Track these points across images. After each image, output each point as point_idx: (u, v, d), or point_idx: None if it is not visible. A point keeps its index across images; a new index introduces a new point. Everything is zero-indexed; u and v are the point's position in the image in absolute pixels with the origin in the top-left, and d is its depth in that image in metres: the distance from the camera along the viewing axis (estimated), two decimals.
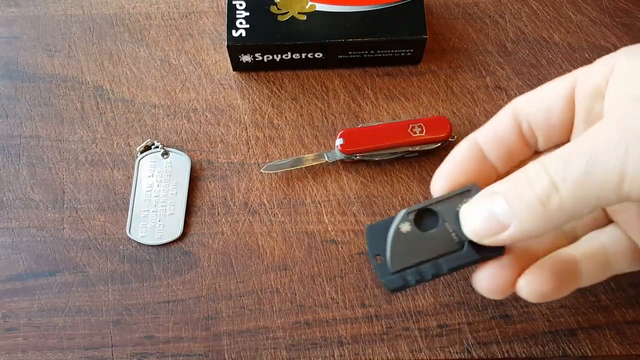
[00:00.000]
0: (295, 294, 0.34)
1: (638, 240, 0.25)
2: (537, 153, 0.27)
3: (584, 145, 0.20)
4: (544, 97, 0.25)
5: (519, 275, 0.25)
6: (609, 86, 0.23)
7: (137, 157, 0.37)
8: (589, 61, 0.40)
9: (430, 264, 0.25)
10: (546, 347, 0.33)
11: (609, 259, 0.26)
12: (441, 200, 0.25)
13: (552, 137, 0.26)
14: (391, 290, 0.25)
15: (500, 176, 0.26)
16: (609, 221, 0.27)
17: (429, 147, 0.36)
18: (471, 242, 0.25)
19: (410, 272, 0.25)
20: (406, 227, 0.25)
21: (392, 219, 0.26)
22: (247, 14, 0.38)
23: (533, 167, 0.22)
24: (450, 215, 0.25)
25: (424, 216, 0.26)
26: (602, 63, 0.24)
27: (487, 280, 0.25)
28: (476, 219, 0.23)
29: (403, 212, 0.26)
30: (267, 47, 0.38)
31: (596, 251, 0.26)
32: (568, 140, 0.26)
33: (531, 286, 0.24)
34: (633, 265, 0.26)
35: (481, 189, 0.24)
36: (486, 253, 0.25)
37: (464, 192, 0.25)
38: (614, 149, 0.19)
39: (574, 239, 0.27)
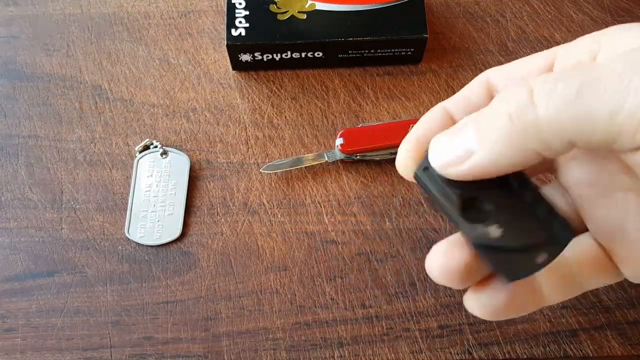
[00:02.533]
0: (295, 295, 0.34)
1: (608, 243, 0.22)
2: None
3: (584, 67, 0.18)
4: (519, 71, 0.23)
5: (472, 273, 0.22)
6: (600, 58, 0.20)
7: (135, 156, 0.37)
8: None
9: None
10: (547, 347, 0.32)
11: (573, 272, 0.23)
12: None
13: None
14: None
15: None
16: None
17: None
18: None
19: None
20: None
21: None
22: (247, 13, 0.38)
23: (514, 87, 0.19)
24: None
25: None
26: (586, 38, 0.21)
27: (437, 262, 0.21)
28: (442, 148, 0.20)
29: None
30: (266, 46, 0.37)
31: (556, 264, 0.22)
32: None
33: (478, 301, 0.22)
34: (602, 276, 0.23)
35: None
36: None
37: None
38: (618, 75, 0.17)
39: None
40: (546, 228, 0.20)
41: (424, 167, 0.21)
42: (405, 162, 0.23)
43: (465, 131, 0.20)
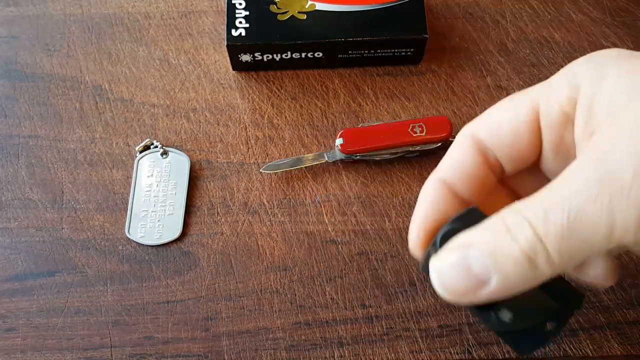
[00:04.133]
0: (295, 295, 0.34)
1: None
2: (504, 177, 0.25)
3: (562, 192, 0.19)
4: (503, 128, 0.23)
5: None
6: (577, 112, 0.21)
7: (136, 157, 0.37)
8: None
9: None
10: (547, 347, 0.32)
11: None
12: (454, 227, 0.22)
13: (519, 164, 0.24)
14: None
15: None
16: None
17: (430, 147, 0.36)
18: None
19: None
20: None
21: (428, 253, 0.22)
22: (247, 13, 0.38)
23: (511, 218, 0.19)
24: None
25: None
26: (563, 81, 0.21)
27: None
28: (449, 276, 0.20)
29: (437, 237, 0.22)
30: (266, 47, 0.37)
31: None
32: (536, 164, 0.24)
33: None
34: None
35: (480, 210, 0.22)
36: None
37: (466, 214, 0.22)
38: (596, 201, 0.18)
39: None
40: (555, 299, 0.21)
41: (429, 255, 0.22)
42: (415, 250, 0.24)
43: (472, 257, 0.20)
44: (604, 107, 0.20)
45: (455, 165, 0.24)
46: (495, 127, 0.23)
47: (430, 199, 0.23)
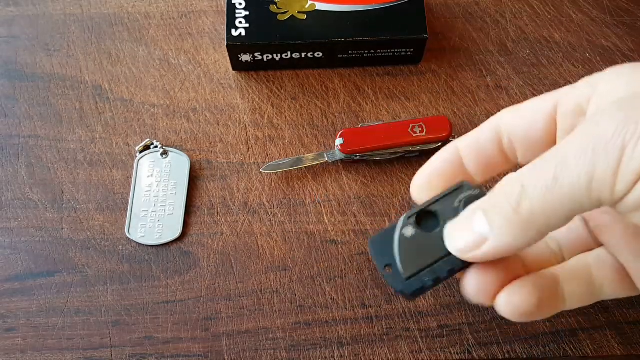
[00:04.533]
0: (295, 295, 0.34)
1: (626, 262, 0.25)
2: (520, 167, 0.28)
3: (554, 152, 0.21)
4: (526, 113, 0.25)
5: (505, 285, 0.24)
6: (590, 104, 0.23)
7: (136, 157, 0.37)
8: (589, 60, 0.40)
9: (444, 261, 0.24)
10: (547, 347, 0.32)
11: (594, 280, 0.26)
12: (436, 200, 0.25)
13: (532, 153, 0.26)
14: (410, 295, 0.25)
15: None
16: (597, 244, 0.27)
17: (430, 147, 0.36)
18: None
19: (425, 273, 0.24)
20: (410, 231, 0.25)
21: (393, 226, 0.25)
22: (247, 13, 0.38)
23: (508, 178, 0.22)
24: (449, 213, 0.25)
25: (424, 217, 0.25)
26: (585, 82, 0.24)
27: (473, 284, 0.25)
28: (459, 236, 0.23)
29: (403, 217, 0.25)
30: (266, 47, 0.37)
31: (580, 271, 0.26)
32: None
33: (510, 302, 0.24)
34: (619, 289, 0.26)
35: (472, 184, 0.25)
36: None
37: (457, 190, 0.25)
38: (581, 153, 0.20)
39: (561, 260, 0.27)
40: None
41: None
42: (415, 192, 0.27)
43: (478, 220, 0.22)
44: (610, 100, 0.22)
45: (471, 139, 0.26)
46: (517, 113, 0.25)
47: (439, 162, 0.26)
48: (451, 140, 0.37)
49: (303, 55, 0.38)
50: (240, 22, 0.38)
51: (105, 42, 0.41)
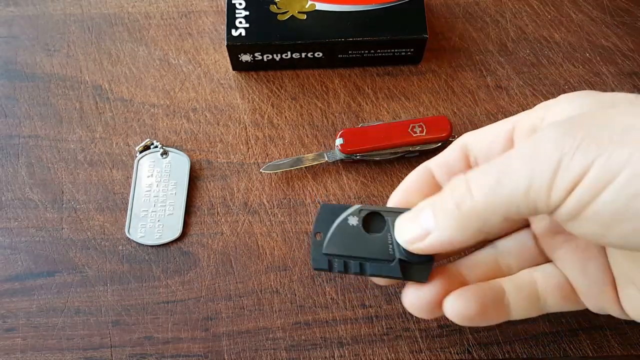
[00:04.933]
0: (295, 295, 0.34)
1: (572, 277, 0.26)
2: None
3: (501, 159, 0.22)
4: (488, 135, 0.27)
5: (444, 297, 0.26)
6: (543, 124, 0.25)
7: (136, 157, 0.37)
8: (589, 60, 0.40)
9: (358, 262, 0.27)
10: (547, 347, 0.32)
11: (538, 294, 0.27)
12: (395, 211, 0.27)
13: None
14: (314, 268, 0.27)
15: None
16: (546, 260, 0.28)
17: (430, 147, 0.36)
18: (402, 261, 0.26)
19: (338, 260, 0.27)
20: (354, 221, 0.27)
21: (346, 207, 0.27)
22: (247, 13, 0.38)
23: (456, 179, 0.24)
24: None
25: (374, 219, 0.27)
26: (540, 106, 0.26)
27: (412, 298, 0.27)
28: (407, 228, 0.26)
29: (358, 206, 0.27)
30: (266, 47, 0.37)
31: (526, 284, 0.27)
32: None
33: (454, 306, 0.26)
34: (564, 303, 0.27)
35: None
36: (410, 277, 0.27)
37: None
38: (523, 162, 0.21)
39: (510, 274, 0.28)
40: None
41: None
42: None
43: (424, 214, 0.25)
44: (560, 119, 0.24)
45: (441, 158, 0.28)
46: (481, 133, 0.28)
47: (413, 179, 0.29)
48: (451, 141, 0.37)
49: (303, 55, 0.38)
50: (240, 22, 0.38)
51: (105, 42, 0.41)
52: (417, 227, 0.25)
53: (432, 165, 0.28)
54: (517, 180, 0.21)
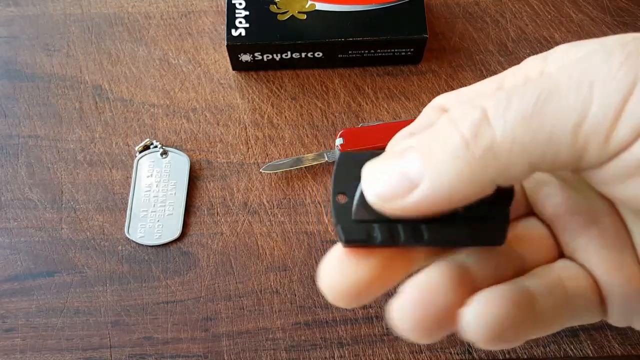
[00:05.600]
0: (295, 295, 0.34)
1: (601, 274, 0.19)
2: None
3: (537, 79, 0.16)
4: (468, 96, 0.21)
5: (458, 306, 0.17)
6: (546, 69, 0.19)
7: (135, 157, 0.37)
8: None
9: (410, 225, 0.18)
10: (547, 347, 0.32)
11: (568, 297, 0.19)
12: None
13: None
14: (346, 241, 0.18)
15: None
16: (559, 255, 0.21)
17: None
18: (469, 218, 0.18)
19: (379, 227, 0.18)
20: None
21: (375, 153, 0.19)
22: (247, 13, 0.38)
23: (459, 108, 0.16)
24: None
25: None
26: (534, 58, 0.19)
27: (414, 309, 0.17)
28: (380, 178, 0.17)
29: None
30: (266, 47, 0.37)
31: (554, 285, 0.19)
32: None
33: (482, 317, 0.17)
34: (593, 309, 0.19)
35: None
36: (483, 238, 0.18)
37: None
38: (576, 82, 0.15)
39: (523, 271, 0.20)
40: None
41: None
42: None
43: (409, 156, 0.16)
44: (570, 59, 0.18)
45: (414, 126, 0.21)
46: (460, 94, 0.21)
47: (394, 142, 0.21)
48: None
49: (303, 55, 0.38)
50: (240, 22, 0.37)
51: (105, 42, 0.41)
52: (396, 176, 0.16)
53: (411, 129, 0.21)
54: (565, 109, 0.14)
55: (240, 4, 0.38)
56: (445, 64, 0.40)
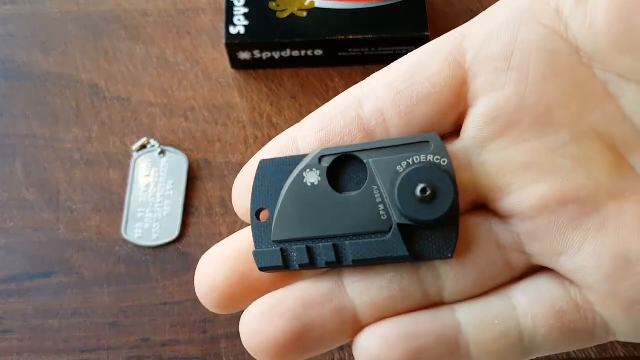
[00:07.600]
0: None
1: (595, 285, 0.15)
2: None
3: None
4: (375, 82, 0.20)
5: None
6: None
7: (133, 156, 0.37)
8: None
9: (330, 244, 0.16)
10: None
11: (521, 331, 0.16)
12: (380, 147, 0.17)
13: None
14: (259, 267, 0.17)
15: None
16: (523, 272, 0.16)
17: None
18: (403, 227, 0.16)
19: (298, 248, 0.16)
20: (314, 177, 0.17)
21: (298, 159, 0.17)
22: (246, 10, 0.37)
23: None
24: (386, 175, 0.16)
25: (347, 167, 0.17)
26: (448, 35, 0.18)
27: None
28: None
29: (317, 151, 0.17)
30: (266, 45, 0.37)
31: (495, 316, 0.16)
32: None
33: (371, 349, 0.16)
34: (562, 338, 0.16)
35: (442, 139, 0.17)
36: (423, 253, 0.16)
37: (419, 143, 0.17)
38: None
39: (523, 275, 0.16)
40: None
41: None
42: None
43: None
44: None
45: (330, 119, 0.19)
46: (370, 84, 0.20)
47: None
48: None
49: (303, 53, 0.38)
50: (239, 20, 0.37)
51: (102, 40, 0.40)
52: None
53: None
54: None
55: (239, 1, 0.38)
56: None
